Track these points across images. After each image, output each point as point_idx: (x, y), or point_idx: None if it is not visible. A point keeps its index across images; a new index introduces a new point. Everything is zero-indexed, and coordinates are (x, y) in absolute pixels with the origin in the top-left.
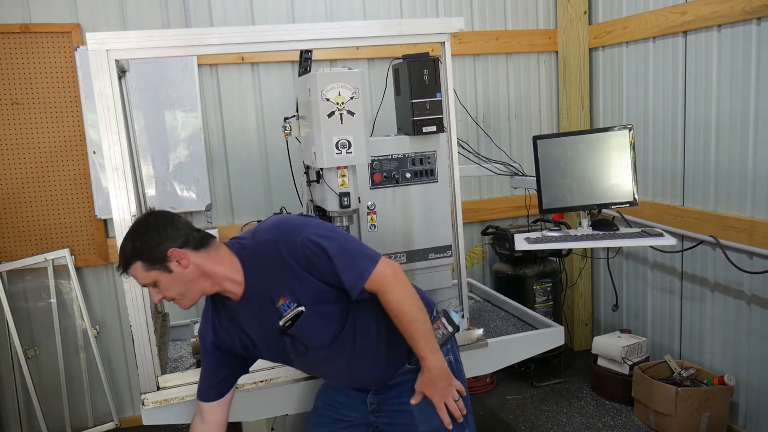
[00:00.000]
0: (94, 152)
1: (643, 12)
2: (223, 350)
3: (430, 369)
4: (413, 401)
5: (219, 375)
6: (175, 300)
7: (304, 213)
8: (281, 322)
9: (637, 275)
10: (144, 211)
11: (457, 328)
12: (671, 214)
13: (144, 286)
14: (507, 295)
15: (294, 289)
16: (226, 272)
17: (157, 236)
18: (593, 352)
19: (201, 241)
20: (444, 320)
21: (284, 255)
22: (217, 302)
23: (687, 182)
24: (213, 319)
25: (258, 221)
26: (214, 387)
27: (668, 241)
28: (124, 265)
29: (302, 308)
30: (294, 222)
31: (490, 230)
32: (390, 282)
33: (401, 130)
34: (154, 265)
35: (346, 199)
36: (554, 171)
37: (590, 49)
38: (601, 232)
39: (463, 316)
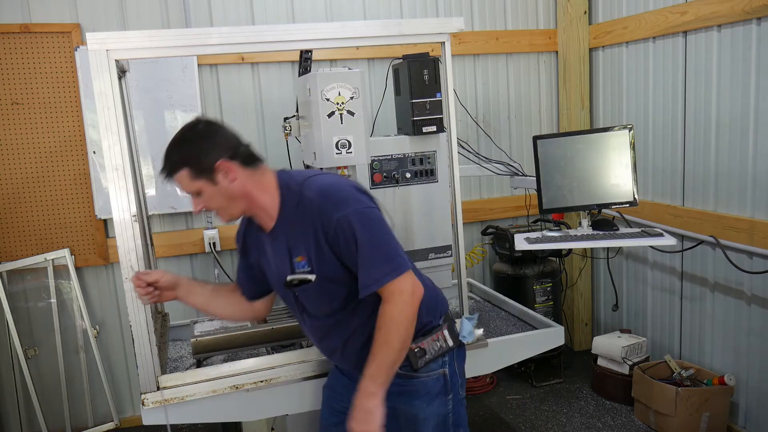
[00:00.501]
0: (94, 152)
1: (643, 12)
2: (249, 257)
3: (360, 393)
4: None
5: (248, 273)
6: (216, 211)
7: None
8: (289, 278)
9: (637, 275)
10: (143, 211)
11: (459, 344)
12: (671, 214)
13: (186, 193)
14: (507, 295)
15: (311, 257)
16: (265, 203)
17: (206, 144)
18: (593, 352)
19: (249, 158)
20: (446, 333)
21: (316, 222)
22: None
23: (687, 182)
24: (246, 226)
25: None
26: (246, 284)
27: (668, 241)
28: (170, 171)
29: (312, 277)
30: (342, 194)
31: (490, 230)
32: (401, 299)
33: (401, 130)
34: (200, 174)
35: None
36: (554, 171)
37: (590, 49)
38: (601, 232)
39: (477, 326)
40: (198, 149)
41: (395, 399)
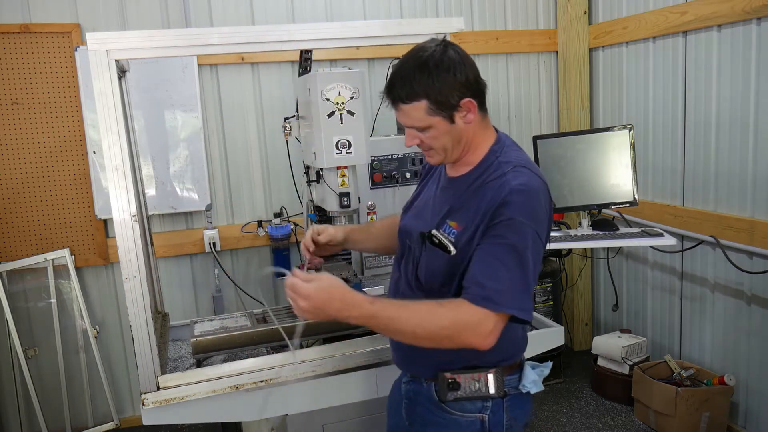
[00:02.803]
0: (94, 152)
1: (643, 12)
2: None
3: (340, 289)
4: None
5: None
6: (431, 152)
7: (310, 212)
8: (434, 232)
9: (637, 275)
10: (143, 211)
11: (503, 395)
12: (671, 214)
13: (407, 127)
14: None
15: (465, 233)
16: (473, 157)
17: (456, 76)
18: (593, 352)
19: (484, 101)
20: (490, 377)
21: (495, 211)
22: None
23: (687, 182)
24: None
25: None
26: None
27: (668, 241)
28: (405, 98)
29: (453, 250)
30: (535, 209)
31: None
32: (469, 324)
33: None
34: (440, 110)
35: (346, 199)
36: (554, 171)
37: (590, 49)
38: (601, 232)
39: (543, 380)
40: (445, 79)
41: (423, 426)
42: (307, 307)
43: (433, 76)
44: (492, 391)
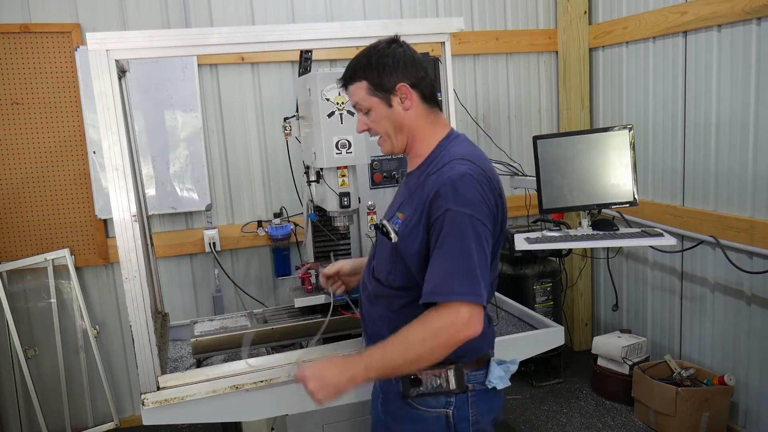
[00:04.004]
0: (94, 152)
1: (643, 12)
2: None
3: (343, 361)
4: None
5: None
6: (379, 138)
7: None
8: (381, 222)
9: (637, 275)
10: (143, 211)
11: (464, 390)
12: (671, 214)
13: (356, 109)
14: (507, 295)
15: (408, 224)
16: (421, 149)
17: (394, 63)
18: (593, 352)
19: (431, 96)
20: (451, 373)
21: (432, 202)
22: None
23: (687, 182)
24: None
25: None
26: None
27: (668, 241)
28: (349, 78)
29: (394, 239)
30: (468, 194)
31: None
32: (450, 325)
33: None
34: (378, 91)
35: (346, 199)
36: (554, 171)
37: (590, 49)
38: (601, 232)
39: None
40: (383, 65)
41: (394, 421)
42: (313, 386)
43: (373, 61)
44: (453, 386)
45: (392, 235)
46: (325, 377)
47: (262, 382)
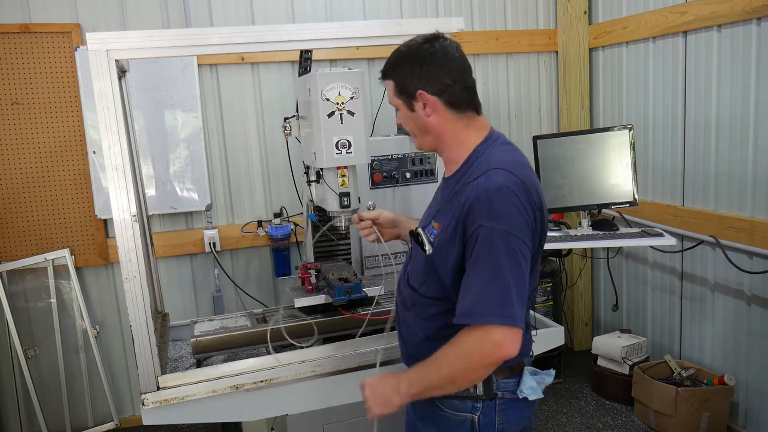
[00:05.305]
0: (94, 152)
1: (643, 12)
2: None
3: (393, 380)
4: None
5: None
6: (410, 135)
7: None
8: (417, 229)
9: (637, 275)
10: (143, 211)
11: (491, 397)
12: (671, 214)
13: (391, 103)
14: None
15: (443, 235)
16: (452, 155)
17: (419, 68)
18: (593, 352)
19: (459, 101)
20: (481, 386)
21: (467, 215)
22: None
23: (687, 182)
24: None
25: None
26: None
27: (668, 241)
28: (383, 74)
29: (429, 250)
30: (503, 208)
31: None
32: (486, 348)
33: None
34: (401, 93)
35: (346, 199)
36: (554, 171)
37: (590, 49)
38: (601, 232)
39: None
40: (409, 69)
41: (421, 420)
42: (368, 393)
43: (402, 61)
44: (480, 392)
45: (427, 246)
46: (377, 387)
47: (262, 382)
